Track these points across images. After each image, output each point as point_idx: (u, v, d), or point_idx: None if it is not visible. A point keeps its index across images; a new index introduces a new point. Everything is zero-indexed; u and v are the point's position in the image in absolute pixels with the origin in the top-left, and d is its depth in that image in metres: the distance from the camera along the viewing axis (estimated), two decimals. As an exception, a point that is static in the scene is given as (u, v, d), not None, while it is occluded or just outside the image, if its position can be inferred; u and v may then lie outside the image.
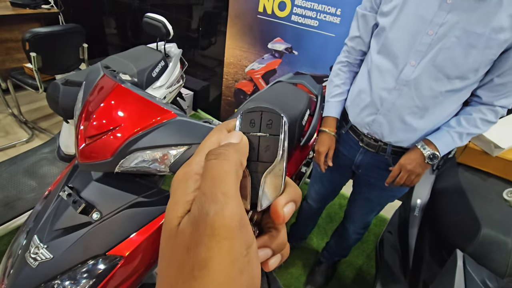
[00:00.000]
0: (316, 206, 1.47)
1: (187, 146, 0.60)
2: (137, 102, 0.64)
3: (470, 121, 0.92)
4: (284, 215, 0.21)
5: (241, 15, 1.91)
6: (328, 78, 1.83)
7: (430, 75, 0.86)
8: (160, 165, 0.62)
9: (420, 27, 0.84)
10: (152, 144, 0.60)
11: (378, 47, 0.95)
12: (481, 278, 0.70)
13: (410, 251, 1.33)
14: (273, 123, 0.24)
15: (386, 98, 0.95)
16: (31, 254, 0.64)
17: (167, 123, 0.62)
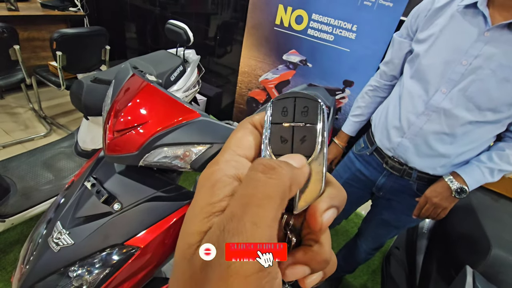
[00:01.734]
0: None
1: (209, 144, 0.64)
2: (164, 100, 0.68)
3: (503, 158, 0.90)
4: (323, 221, 0.18)
5: (258, 26, 1.97)
6: (340, 91, 1.88)
7: (460, 104, 0.87)
8: (181, 162, 0.66)
9: (454, 56, 0.86)
10: (175, 141, 0.64)
11: (411, 73, 0.98)
12: (491, 295, 0.70)
13: (417, 267, 1.31)
14: (309, 111, 0.20)
15: (414, 122, 0.96)
16: (53, 239, 0.67)
17: (191, 122, 0.65)
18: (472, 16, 0.85)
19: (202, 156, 0.64)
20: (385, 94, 1.17)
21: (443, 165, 0.97)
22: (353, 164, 1.20)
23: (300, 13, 1.78)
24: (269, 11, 1.87)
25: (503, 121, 0.88)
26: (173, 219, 0.72)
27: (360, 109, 1.24)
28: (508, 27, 0.79)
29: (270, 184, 0.15)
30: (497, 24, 0.80)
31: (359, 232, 1.40)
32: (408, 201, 1.08)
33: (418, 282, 1.28)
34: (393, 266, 1.42)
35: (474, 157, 0.96)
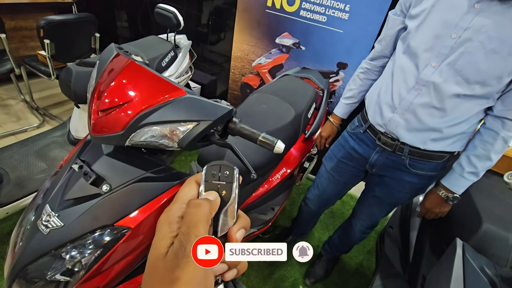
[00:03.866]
0: (315, 209, 1.48)
1: (196, 122, 0.62)
2: (149, 78, 0.66)
3: (481, 158, 0.93)
4: (237, 238, 0.31)
5: (249, 9, 1.93)
6: (334, 74, 1.86)
7: (449, 77, 0.87)
8: (169, 141, 0.65)
9: (445, 30, 0.86)
10: (162, 119, 0.62)
11: (403, 48, 0.98)
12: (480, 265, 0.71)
13: (411, 245, 1.33)
14: (228, 174, 0.32)
15: (404, 97, 0.96)
16: (43, 222, 0.67)
17: (177, 100, 0.64)
18: None
19: (189, 134, 0.63)
20: (376, 77, 1.17)
21: (433, 139, 0.97)
22: (347, 143, 1.20)
23: (292, -7, 1.74)
24: (261, -8, 1.82)
25: (493, 95, 0.88)
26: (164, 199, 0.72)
27: (351, 91, 1.24)
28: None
29: (199, 214, 0.28)
30: None
31: (353, 212, 1.42)
32: (400, 177, 1.09)
33: (412, 258, 1.30)
34: (387, 244, 1.44)
35: (456, 162, 1.00)
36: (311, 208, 1.47)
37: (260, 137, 0.68)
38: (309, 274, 1.64)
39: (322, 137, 1.37)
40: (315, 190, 1.41)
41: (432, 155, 1.01)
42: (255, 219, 1.41)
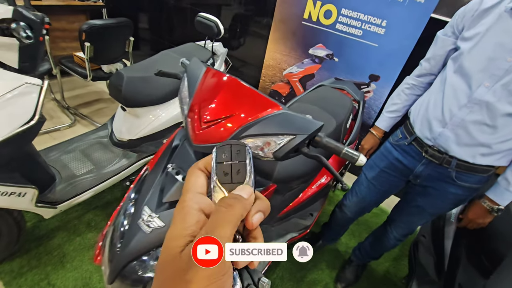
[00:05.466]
0: (351, 215, 1.52)
1: (293, 136, 0.69)
2: (248, 94, 0.72)
3: None
4: (253, 222, 0.28)
5: (286, 21, 2.00)
6: (365, 85, 1.92)
7: (503, 97, 0.94)
8: (262, 152, 0.71)
9: (499, 53, 0.92)
10: (261, 132, 0.68)
11: (454, 68, 1.04)
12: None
13: (446, 254, 1.39)
14: (240, 152, 0.30)
15: (456, 113, 1.03)
16: (145, 222, 0.72)
17: (274, 115, 0.70)
18: None
19: (286, 146, 0.69)
20: (421, 92, 1.23)
21: (482, 154, 1.03)
22: (391, 153, 1.26)
23: (329, 7, 1.81)
24: (298, 5, 1.90)
25: None
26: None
27: (396, 105, 1.30)
28: None
29: (229, 214, 0.25)
30: None
31: (389, 220, 1.47)
32: (445, 188, 1.15)
33: (447, 267, 1.35)
34: (421, 253, 1.50)
35: (502, 175, 1.06)
36: (347, 214, 1.52)
37: (344, 151, 0.74)
38: (340, 279, 1.69)
39: (364, 149, 1.42)
40: (353, 197, 1.47)
41: (479, 169, 1.07)
42: (296, 224, 1.47)
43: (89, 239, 1.56)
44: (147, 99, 1.57)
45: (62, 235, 1.55)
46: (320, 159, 0.74)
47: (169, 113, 1.67)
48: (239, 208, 0.26)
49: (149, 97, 1.57)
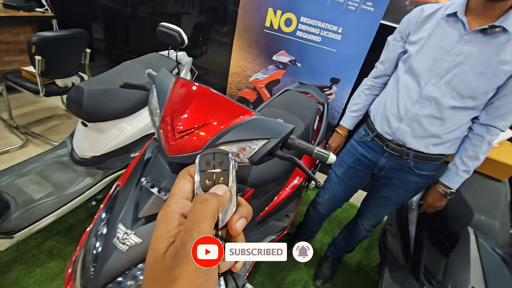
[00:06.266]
0: (325, 212, 1.59)
1: (267, 140, 0.71)
2: (222, 102, 0.73)
3: (472, 158, 1.15)
4: (237, 229, 0.29)
5: (248, 29, 2.05)
6: (327, 88, 2.03)
7: (446, 93, 1.07)
8: (240, 157, 0.72)
9: (441, 55, 1.06)
10: (236, 138, 0.70)
11: (405, 69, 1.16)
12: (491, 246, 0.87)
13: (411, 239, 1.51)
14: (223, 161, 0.31)
15: (410, 109, 1.14)
16: (120, 240, 0.69)
17: (248, 120, 0.72)
18: (454, 23, 1.04)
19: (261, 150, 0.71)
20: (379, 92, 1.35)
21: (434, 144, 1.16)
22: (356, 150, 1.35)
23: (289, 16, 1.90)
24: (259, 14, 1.96)
25: (479, 107, 1.09)
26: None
27: (357, 105, 1.40)
28: (481, 31, 0.99)
29: (205, 210, 0.26)
30: (473, 29, 0.99)
31: (359, 213, 1.57)
32: (406, 178, 1.26)
33: (413, 250, 1.47)
34: (389, 240, 1.61)
35: (451, 162, 1.21)
36: (321, 211, 1.59)
37: (315, 151, 0.78)
38: (318, 276, 1.75)
39: (332, 148, 1.50)
40: (325, 194, 1.54)
41: (433, 158, 1.19)
42: (273, 227, 1.49)
43: (52, 269, 1.43)
44: (111, 113, 1.50)
45: (20, 268, 1.40)
46: (294, 160, 0.77)
47: (135, 126, 1.61)
48: (214, 203, 0.27)
49: (112, 111, 1.50)
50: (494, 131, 1.11)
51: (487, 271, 0.79)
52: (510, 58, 0.98)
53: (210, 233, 0.25)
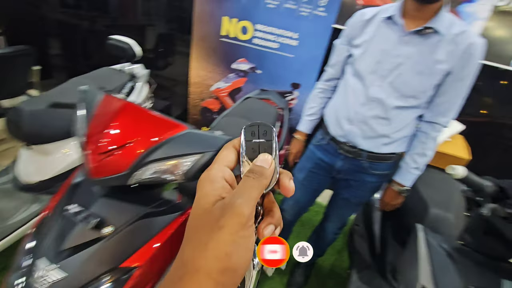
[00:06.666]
0: (291, 218, 1.58)
1: (200, 154, 0.67)
2: (148, 117, 0.69)
3: (421, 155, 1.18)
4: (291, 187, 0.32)
5: (204, 38, 2.02)
6: (289, 93, 2.04)
7: (390, 93, 1.09)
8: (172, 175, 0.68)
9: (383, 57, 1.08)
10: (167, 155, 0.66)
11: (351, 71, 1.18)
12: (438, 242, 0.89)
13: (376, 238, 1.52)
14: (267, 132, 0.33)
15: (358, 111, 1.16)
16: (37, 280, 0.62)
17: (179, 135, 0.68)
18: (392, 25, 1.07)
19: (195, 165, 0.67)
20: (331, 95, 1.36)
21: (384, 144, 1.18)
22: (314, 154, 1.35)
23: (244, 24, 1.90)
24: (214, 23, 1.94)
25: (422, 105, 1.12)
26: (168, 232, 0.73)
27: (312, 109, 1.41)
28: (417, 33, 1.02)
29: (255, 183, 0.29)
30: (410, 30, 1.03)
31: (325, 216, 1.56)
32: (362, 178, 1.27)
33: (379, 249, 1.48)
34: (356, 241, 1.62)
35: (402, 160, 1.24)
36: (287, 218, 1.57)
37: None
38: (291, 284, 1.71)
39: (292, 154, 1.49)
40: (290, 200, 1.52)
41: (385, 157, 1.21)
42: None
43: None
44: (56, 133, 1.40)
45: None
46: (233, 173, 0.74)
47: (87, 145, 1.52)
48: (265, 178, 0.30)
49: (58, 131, 1.40)
50: (438, 128, 1.14)
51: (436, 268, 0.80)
52: (444, 57, 1.02)
53: (255, 201, 0.28)
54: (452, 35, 1.01)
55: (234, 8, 1.87)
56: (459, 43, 1.00)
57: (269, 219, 0.31)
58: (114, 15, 2.55)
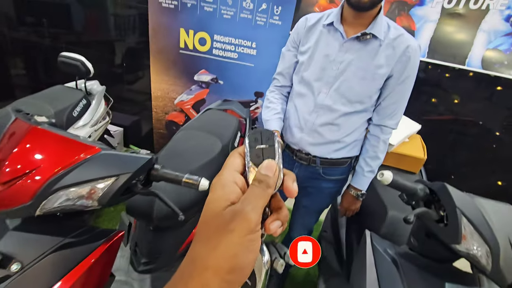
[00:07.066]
0: None
1: (115, 177, 0.63)
2: (56, 141, 0.64)
3: (373, 158, 1.18)
4: (295, 189, 0.33)
5: (163, 51, 1.99)
6: (253, 102, 2.03)
7: (337, 100, 1.09)
8: (87, 201, 0.63)
9: (327, 64, 1.07)
10: (77, 180, 0.61)
11: (298, 79, 1.17)
12: (384, 248, 0.87)
13: (343, 244, 1.50)
14: (269, 138, 0.34)
15: (308, 119, 1.14)
16: None
17: (92, 158, 0.63)
18: (334, 32, 1.07)
19: (109, 190, 0.62)
20: (287, 100, 1.31)
21: (336, 149, 1.17)
22: None
23: (202, 35, 1.88)
24: (171, 35, 1.91)
25: (369, 109, 1.13)
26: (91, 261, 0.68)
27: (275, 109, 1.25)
28: (356, 39, 1.03)
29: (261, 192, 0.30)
30: (350, 37, 1.03)
31: (289, 226, 1.53)
32: (319, 185, 1.26)
33: (345, 256, 1.46)
34: (324, 247, 1.59)
35: (357, 165, 1.23)
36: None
37: (184, 179, 0.71)
38: (263, 297, 1.66)
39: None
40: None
41: (338, 162, 1.20)
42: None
43: None
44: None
45: None
46: (156, 195, 0.70)
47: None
48: (270, 187, 0.31)
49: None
50: (387, 130, 1.15)
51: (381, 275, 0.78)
52: (384, 62, 1.02)
53: (261, 209, 0.29)
54: (389, 40, 1.02)
55: (189, 19, 1.85)
56: (396, 47, 1.01)
57: (275, 215, 0.32)
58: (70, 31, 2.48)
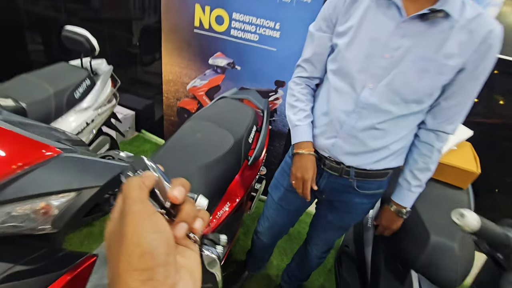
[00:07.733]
0: (268, 241, 1.36)
1: (76, 192, 0.45)
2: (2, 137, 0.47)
3: (423, 170, 0.95)
4: (176, 195, 0.30)
5: (176, 30, 1.79)
6: (273, 92, 1.81)
7: (387, 98, 0.84)
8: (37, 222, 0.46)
9: (375, 49, 0.82)
10: (23, 194, 0.44)
11: (335, 68, 0.91)
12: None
13: (367, 263, 1.29)
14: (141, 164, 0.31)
15: (345, 121, 0.90)
16: None
17: (47, 163, 0.46)
18: (386, 7, 0.81)
19: (68, 208, 0.45)
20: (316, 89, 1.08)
21: (377, 160, 0.94)
22: None
23: (219, 12, 1.66)
24: (186, 12, 1.71)
25: (425, 110, 0.88)
26: (49, 297, 0.51)
27: (304, 111, 1.02)
28: (420, 17, 0.77)
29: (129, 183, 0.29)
30: (411, 15, 0.77)
31: (307, 238, 1.34)
32: (350, 199, 1.04)
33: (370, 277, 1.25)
34: (345, 266, 1.39)
35: (401, 176, 1.01)
36: (264, 241, 1.35)
37: None
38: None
39: (307, 180, 0.98)
40: (265, 222, 1.29)
41: (377, 174, 0.98)
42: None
43: None
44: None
45: None
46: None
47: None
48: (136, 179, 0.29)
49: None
50: (443, 137, 0.90)
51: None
52: (456, 50, 0.77)
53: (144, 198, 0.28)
54: (465, 21, 0.75)
55: (206, -7, 1.63)
56: (474, 31, 0.75)
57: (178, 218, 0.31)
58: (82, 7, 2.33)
